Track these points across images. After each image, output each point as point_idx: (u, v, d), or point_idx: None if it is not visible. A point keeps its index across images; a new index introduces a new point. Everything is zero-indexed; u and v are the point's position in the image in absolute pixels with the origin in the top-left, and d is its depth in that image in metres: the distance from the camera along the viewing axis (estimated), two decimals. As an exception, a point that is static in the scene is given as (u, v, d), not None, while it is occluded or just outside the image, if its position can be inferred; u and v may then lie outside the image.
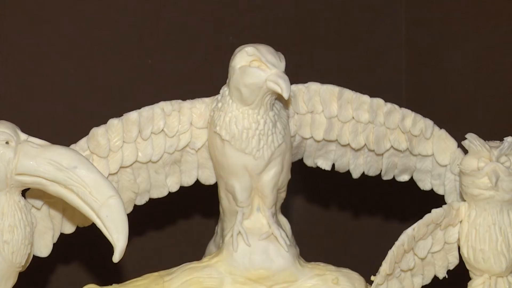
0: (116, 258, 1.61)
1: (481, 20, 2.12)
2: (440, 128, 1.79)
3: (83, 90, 2.03)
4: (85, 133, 1.71)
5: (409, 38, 2.27)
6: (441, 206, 1.72)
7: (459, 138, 1.74)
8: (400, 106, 1.77)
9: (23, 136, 1.60)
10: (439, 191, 1.83)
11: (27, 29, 2.00)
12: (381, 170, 1.81)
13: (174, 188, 1.77)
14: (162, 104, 1.72)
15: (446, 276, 1.74)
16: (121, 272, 1.83)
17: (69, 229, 1.74)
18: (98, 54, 2.04)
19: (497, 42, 2.08)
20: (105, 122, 1.71)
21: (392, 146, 1.78)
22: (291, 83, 1.65)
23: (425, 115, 1.79)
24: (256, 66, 1.65)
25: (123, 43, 2.06)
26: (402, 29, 2.28)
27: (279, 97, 1.67)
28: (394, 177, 1.82)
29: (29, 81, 2.00)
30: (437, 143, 1.79)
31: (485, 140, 1.70)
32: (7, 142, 1.59)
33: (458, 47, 2.17)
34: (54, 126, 1.77)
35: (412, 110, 1.78)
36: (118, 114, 1.71)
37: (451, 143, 1.79)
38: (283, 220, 1.77)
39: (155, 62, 2.08)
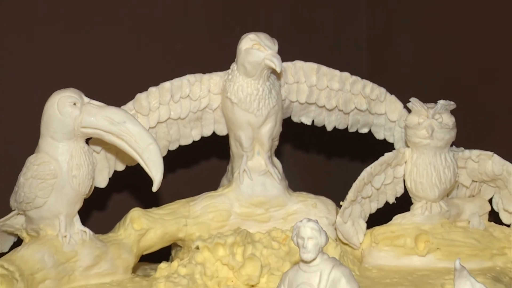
0: (154, 188, 1.62)
1: (425, 12, 2.11)
2: (391, 94, 1.79)
3: (131, 67, 2.03)
4: (131, 97, 1.72)
5: (369, 27, 2.26)
6: (391, 151, 1.73)
7: (405, 101, 1.75)
8: (362, 77, 1.77)
9: (86, 99, 1.61)
10: (390, 140, 1.84)
11: (85, 18, 2.01)
12: (347, 125, 1.81)
13: (197, 138, 1.78)
14: (188, 76, 1.73)
15: (395, 202, 1.76)
16: (158, 199, 1.83)
17: (120, 167, 1.75)
18: (144, 42, 2.05)
19: (436, 30, 2.08)
20: (146, 89, 1.71)
21: (355, 107, 1.79)
22: (282, 61, 1.66)
23: (380, 84, 1.79)
24: (256, 48, 1.66)
25: (161, 34, 2.06)
26: (363, 22, 2.27)
27: (273, 71, 1.68)
28: (357, 130, 1.83)
29: (93, 61, 2.00)
30: (388, 105, 1.80)
31: (423, 103, 1.70)
32: (74, 104, 1.60)
33: (406, 33, 2.16)
34: (109, 92, 1.77)
35: (370, 80, 1.78)
36: (156, 83, 1.72)
37: (399, 105, 1.80)
38: (276, 161, 1.78)
39: (183, 46, 2.07)
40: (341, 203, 1.70)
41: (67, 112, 1.59)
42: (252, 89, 1.68)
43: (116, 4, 2.02)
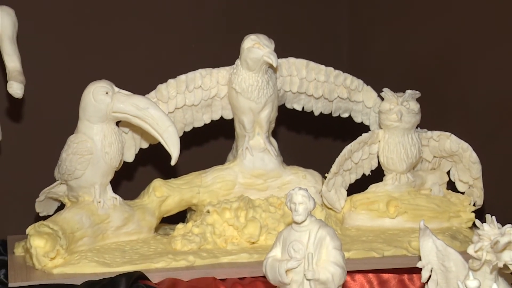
0: (172, 162, 1.62)
1: (395, 17, 2.10)
2: (367, 85, 1.79)
3: (153, 63, 2.03)
4: (153, 87, 1.72)
5: (349, 30, 2.25)
6: (367, 132, 1.73)
7: (378, 91, 1.75)
8: (343, 71, 1.77)
9: (116, 89, 1.61)
10: (366, 123, 1.83)
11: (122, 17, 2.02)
12: (331, 110, 1.81)
13: (208, 121, 1.76)
14: (200, 70, 1.72)
15: (370, 173, 1.76)
16: (176, 171, 1.83)
17: (144, 145, 1.74)
18: (164, 43, 2.04)
19: (405, 32, 2.07)
20: (166, 81, 1.71)
21: (338, 96, 1.79)
22: (278, 58, 1.66)
23: (358, 77, 1.79)
24: (257, 47, 1.65)
25: (178, 36, 2.05)
26: (344, 26, 2.26)
27: (271, 66, 1.68)
28: (339, 115, 1.82)
29: (124, 58, 2.00)
30: (365, 94, 1.80)
31: (394, 92, 1.70)
32: (106, 93, 1.59)
33: (380, 35, 2.16)
34: (135, 83, 1.76)
35: (350, 74, 1.78)
36: (174, 76, 1.72)
37: (374, 94, 1.80)
38: (273, 140, 1.77)
39: (196, 46, 2.07)
40: (326, 175, 1.70)
41: (101, 100, 1.58)
42: (253, 81, 1.67)
43: (146, 15, 2.04)
